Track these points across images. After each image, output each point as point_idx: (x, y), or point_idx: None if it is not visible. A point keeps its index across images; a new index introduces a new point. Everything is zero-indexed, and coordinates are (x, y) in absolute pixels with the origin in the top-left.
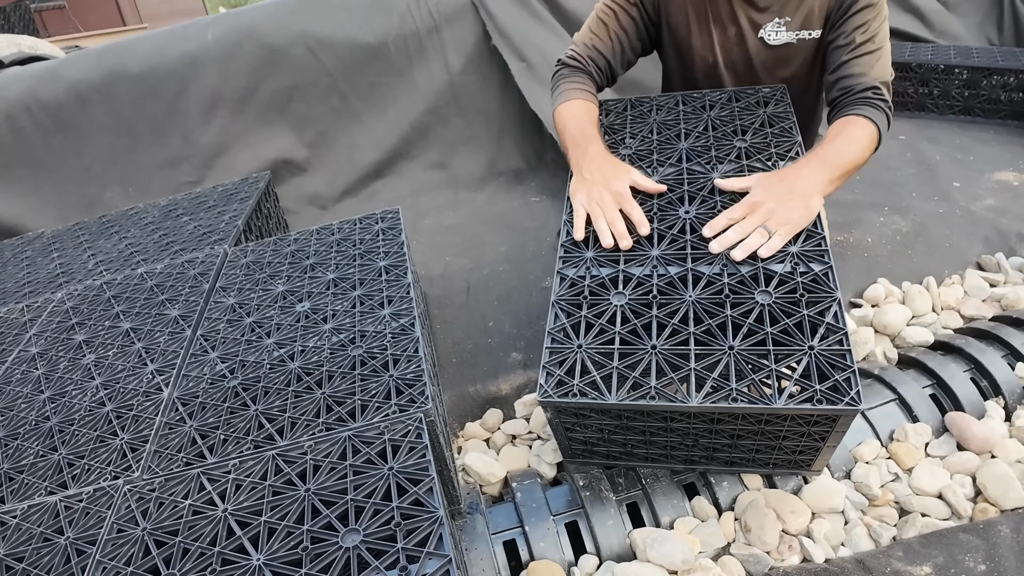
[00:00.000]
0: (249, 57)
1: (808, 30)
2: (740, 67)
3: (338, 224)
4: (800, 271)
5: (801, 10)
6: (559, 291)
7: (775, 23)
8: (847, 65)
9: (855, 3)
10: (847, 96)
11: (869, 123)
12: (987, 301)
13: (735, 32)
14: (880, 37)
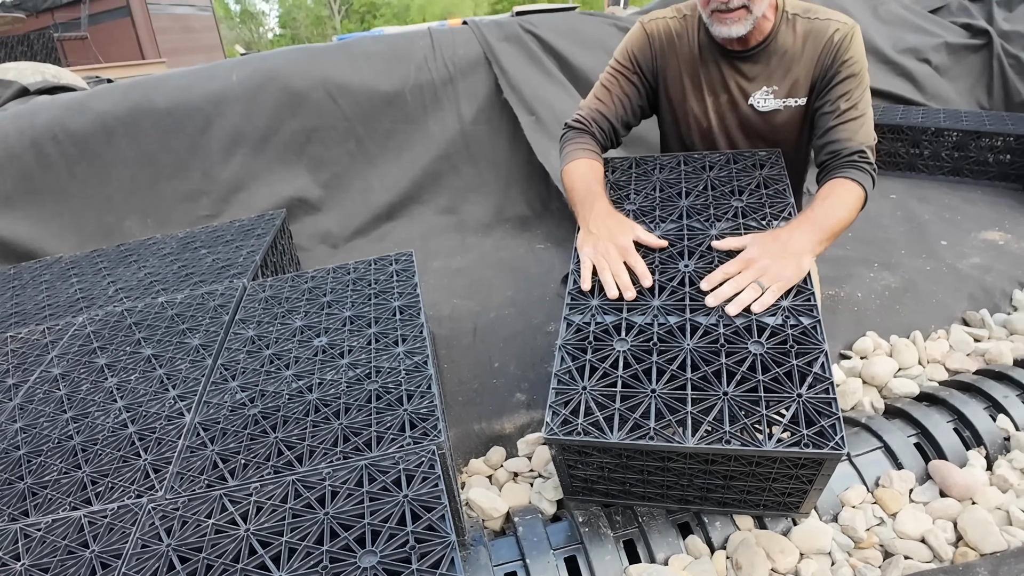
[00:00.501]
0: (271, 99)
1: (794, 98)
2: (732, 131)
3: (354, 264)
4: (791, 324)
5: (787, 79)
6: (566, 336)
7: (763, 91)
8: (834, 131)
9: (839, 73)
10: (835, 159)
11: (856, 185)
12: (971, 355)
13: (727, 99)
14: (863, 104)
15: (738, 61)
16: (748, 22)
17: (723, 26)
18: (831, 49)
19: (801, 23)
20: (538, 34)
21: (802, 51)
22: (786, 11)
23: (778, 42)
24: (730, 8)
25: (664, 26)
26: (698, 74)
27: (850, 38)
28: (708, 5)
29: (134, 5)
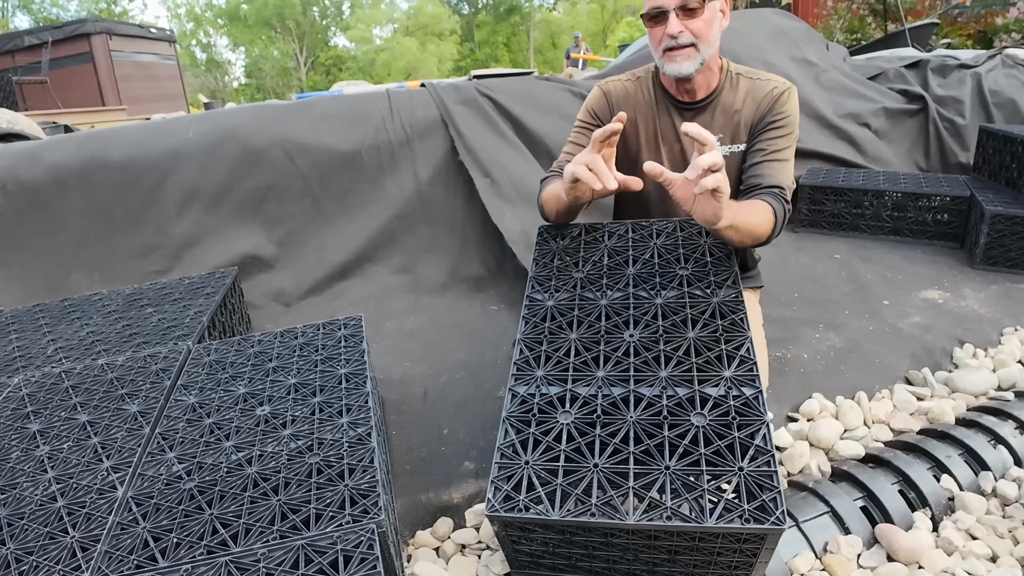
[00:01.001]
0: (229, 156)
1: (737, 144)
2: None
3: (302, 328)
4: (733, 395)
5: (730, 127)
6: (510, 407)
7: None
8: (758, 167)
9: (772, 122)
10: (754, 190)
11: (768, 206)
12: (915, 414)
13: (679, 149)
14: (786, 152)
15: (688, 113)
16: (696, 60)
17: (674, 64)
18: (770, 100)
19: (744, 81)
20: (494, 98)
21: (744, 103)
22: (730, 70)
23: (723, 96)
24: (680, 44)
25: (620, 86)
26: (652, 126)
27: (787, 95)
28: (660, 45)
29: (97, 51)
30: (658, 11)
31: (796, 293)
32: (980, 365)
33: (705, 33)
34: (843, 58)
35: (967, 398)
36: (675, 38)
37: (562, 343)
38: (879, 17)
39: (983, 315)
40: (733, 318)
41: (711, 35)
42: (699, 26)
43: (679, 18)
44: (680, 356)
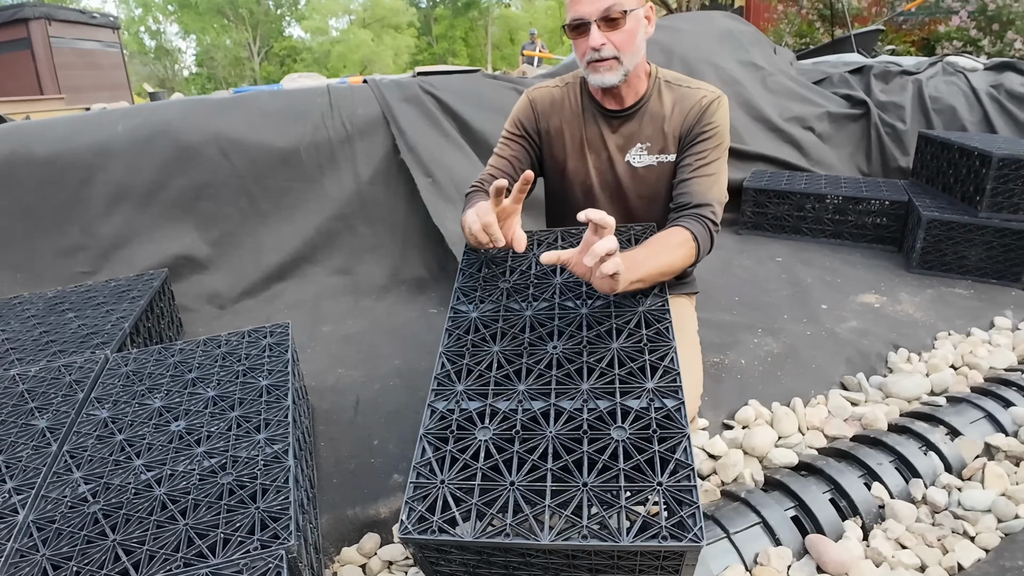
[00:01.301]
0: (160, 152)
1: (665, 154)
2: (612, 188)
3: (226, 336)
4: (655, 407)
5: (659, 136)
6: (428, 424)
7: (638, 147)
8: (685, 184)
9: (701, 133)
10: (679, 210)
11: (689, 236)
12: (848, 420)
13: (606, 156)
14: (716, 165)
15: (615, 121)
16: (619, 72)
17: (598, 75)
18: (698, 111)
19: (673, 89)
20: (438, 96)
21: (672, 112)
22: (659, 78)
23: (650, 104)
24: (602, 58)
25: (546, 93)
26: (579, 134)
27: (717, 104)
28: (584, 57)
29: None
30: (580, 22)
31: (737, 297)
32: (914, 370)
33: (628, 45)
34: (790, 62)
35: (900, 403)
36: (597, 51)
37: (484, 356)
38: (827, 22)
39: (918, 319)
40: (658, 327)
41: (634, 46)
42: (622, 38)
43: (601, 30)
44: (603, 368)
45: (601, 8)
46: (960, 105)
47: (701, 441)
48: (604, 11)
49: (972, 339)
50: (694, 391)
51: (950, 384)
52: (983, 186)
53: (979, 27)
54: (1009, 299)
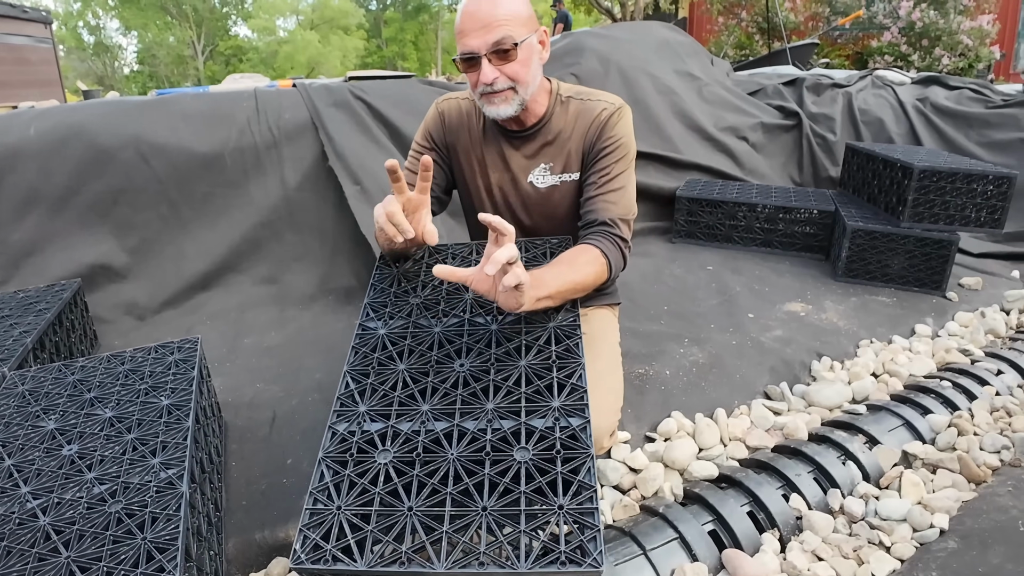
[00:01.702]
0: (74, 156)
1: (568, 173)
2: (516, 207)
3: (131, 352)
4: (560, 426)
5: (561, 156)
6: (328, 447)
7: (541, 168)
8: (591, 201)
9: (603, 149)
10: (587, 228)
11: (599, 253)
12: (770, 431)
13: (509, 177)
14: (622, 179)
15: (517, 141)
16: (515, 102)
17: (492, 107)
18: (598, 125)
19: (573, 104)
20: (369, 101)
21: (573, 129)
22: (560, 94)
23: (552, 123)
24: (496, 90)
25: (456, 105)
26: (482, 152)
27: (617, 116)
28: (476, 88)
29: None
30: (470, 56)
31: (666, 306)
32: (836, 378)
33: (522, 75)
34: (726, 73)
35: (822, 412)
36: (490, 85)
37: (390, 375)
38: (765, 35)
39: (841, 327)
40: (568, 344)
41: (529, 74)
42: (515, 69)
43: (492, 63)
44: (510, 386)
45: (490, 41)
46: (888, 117)
47: (622, 455)
48: (494, 44)
49: (893, 346)
50: (614, 404)
51: (871, 392)
52: (905, 197)
53: (909, 43)
54: (930, 306)
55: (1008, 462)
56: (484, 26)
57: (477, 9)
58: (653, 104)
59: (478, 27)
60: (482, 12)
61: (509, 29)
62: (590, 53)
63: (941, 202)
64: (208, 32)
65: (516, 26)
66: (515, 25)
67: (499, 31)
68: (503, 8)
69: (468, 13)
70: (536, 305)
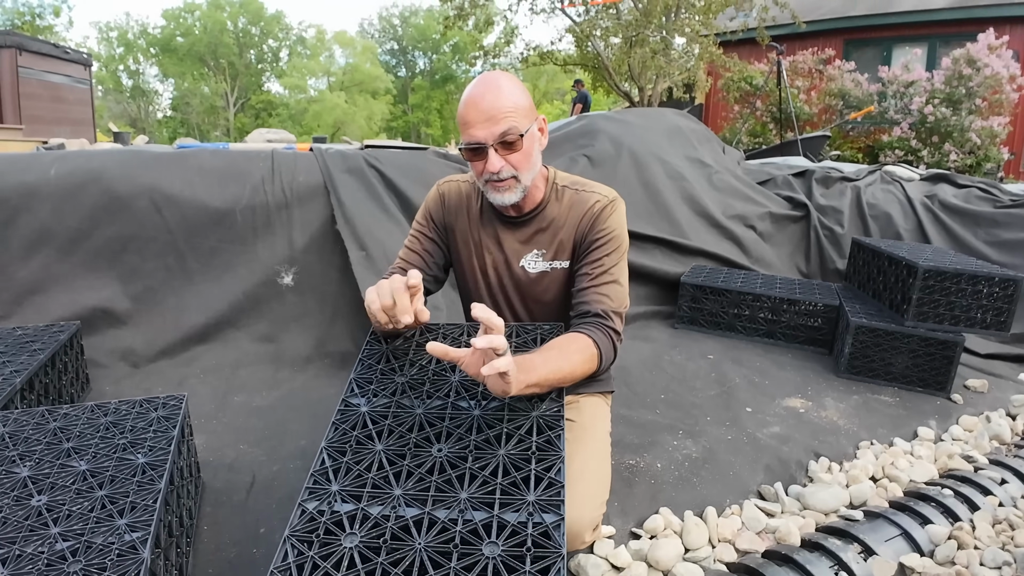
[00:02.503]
0: (90, 200)
1: (559, 260)
2: (509, 289)
3: (115, 404)
4: (534, 522)
5: (554, 244)
6: (295, 524)
7: (533, 254)
8: (583, 293)
9: (595, 241)
10: (579, 319)
11: (590, 342)
12: (761, 534)
13: (503, 260)
14: (614, 271)
15: (512, 226)
16: (519, 190)
17: (497, 194)
18: (590, 217)
19: (568, 194)
20: (382, 170)
21: (566, 218)
22: (556, 183)
23: (547, 210)
24: (501, 179)
25: (456, 188)
26: (479, 235)
27: (610, 209)
28: (482, 176)
29: (3, 66)
30: (477, 146)
31: (663, 395)
32: (833, 480)
33: (525, 164)
34: (737, 161)
35: (817, 516)
36: (496, 173)
37: (367, 454)
38: (779, 124)
39: (841, 427)
40: (549, 435)
41: (531, 163)
42: (518, 159)
43: (498, 153)
44: (486, 476)
45: (497, 133)
46: (896, 213)
47: (605, 550)
48: (501, 135)
49: (894, 449)
50: (599, 497)
51: (869, 497)
52: (909, 295)
53: (919, 138)
54: (934, 408)
55: None
56: (489, 118)
57: (482, 100)
58: (663, 188)
59: (484, 119)
60: (487, 103)
61: (514, 120)
62: (604, 136)
63: (946, 302)
64: (242, 86)
65: (520, 117)
66: (519, 116)
67: (504, 123)
68: (507, 100)
69: (473, 104)
70: (524, 391)
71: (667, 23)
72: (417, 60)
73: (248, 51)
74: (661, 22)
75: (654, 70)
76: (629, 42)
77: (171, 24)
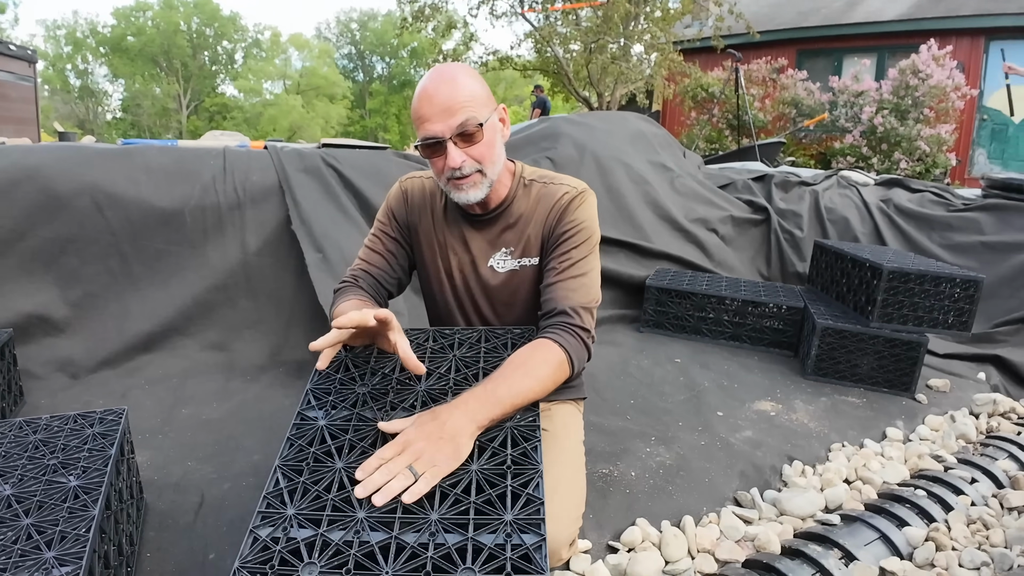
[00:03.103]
0: (25, 199)
1: (528, 257)
2: (475, 290)
3: (47, 420)
4: (512, 543)
5: (521, 241)
6: (245, 555)
7: (502, 252)
8: (550, 288)
9: (564, 234)
10: (546, 318)
11: (558, 349)
12: (741, 542)
13: (469, 259)
14: (583, 264)
15: (479, 224)
16: (484, 186)
17: (461, 192)
18: (558, 210)
19: (536, 187)
20: (340, 170)
21: (534, 212)
22: (523, 177)
23: (514, 206)
24: (464, 174)
25: (420, 184)
26: (443, 235)
27: (579, 200)
28: (443, 174)
29: None
30: (434, 141)
31: (632, 400)
32: (808, 484)
33: (488, 155)
34: (698, 166)
35: (795, 521)
36: (458, 169)
37: (326, 473)
38: (735, 131)
39: (812, 429)
40: (525, 447)
41: (494, 154)
42: (481, 151)
43: (458, 146)
44: (458, 494)
45: (454, 125)
46: (853, 217)
47: (583, 566)
48: (459, 127)
49: (865, 451)
50: (574, 511)
51: (844, 500)
52: (874, 297)
53: (869, 145)
54: (900, 409)
55: None
56: (445, 109)
57: (436, 92)
58: (626, 192)
59: (439, 111)
60: (442, 95)
61: (472, 111)
62: (566, 139)
63: (910, 303)
64: (195, 88)
65: (478, 107)
66: (477, 106)
67: (462, 113)
68: (463, 90)
69: (427, 97)
70: (484, 424)
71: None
72: (375, 65)
73: (202, 52)
74: (619, 30)
75: (613, 76)
76: (588, 48)
77: (122, 23)
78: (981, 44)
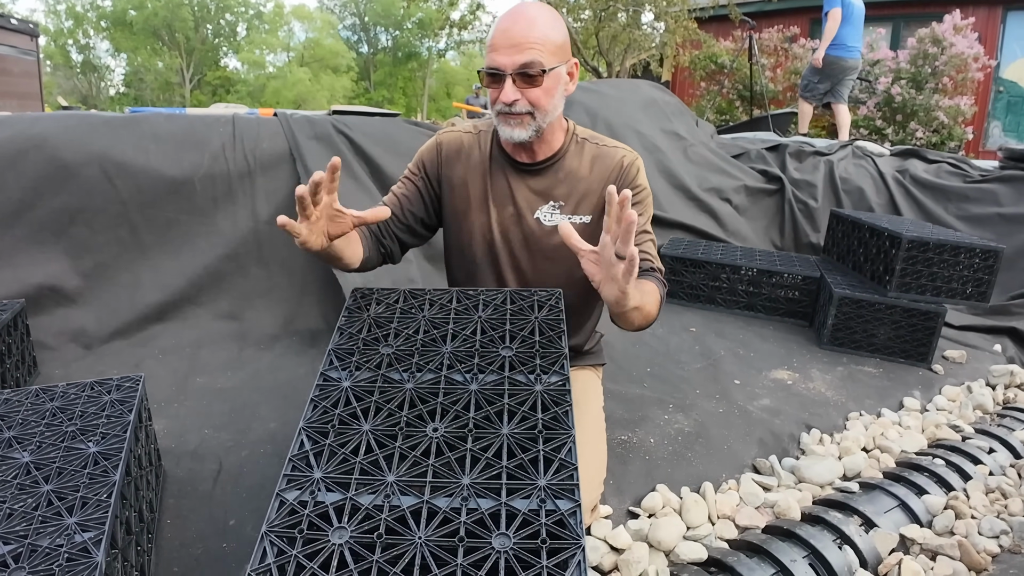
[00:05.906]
0: (33, 169)
1: (580, 215)
2: (515, 245)
3: (63, 388)
4: (547, 509)
5: (574, 196)
6: (273, 519)
7: (550, 206)
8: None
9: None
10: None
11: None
12: (760, 508)
13: (512, 211)
14: (648, 226)
15: (526, 175)
16: (531, 128)
17: (508, 127)
18: (622, 173)
19: (589, 147)
20: (351, 136)
21: (590, 172)
22: (576, 134)
23: (566, 161)
24: (514, 112)
25: (456, 138)
26: (485, 185)
27: (638, 167)
28: (495, 105)
29: None
30: (496, 72)
31: (649, 368)
32: (826, 452)
33: (544, 102)
34: (711, 135)
35: (814, 488)
36: (510, 105)
37: (352, 435)
38: (746, 102)
39: (829, 398)
40: (556, 412)
41: (551, 104)
42: (537, 95)
43: (516, 85)
44: (490, 458)
45: (519, 62)
46: (868, 187)
47: (603, 532)
48: (522, 66)
49: (883, 420)
50: (596, 477)
51: (862, 468)
52: (892, 266)
53: (884, 117)
54: (916, 379)
55: (1008, 548)
56: (514, 45)
57: (512, 26)
58: None
59: (508, 45)
60: (515, 31)
61: (539, 54)
62: (579, 107)
63: (928, 273)
64: (198, 61)
65: (547, 53)
66: (546, 51)
67: (529, 53)
68: (537, 31)
69: (502, 29)
70: (630, 311)
71: None
72: (380, 36)
73: (204, 25)
74: None
75: (623, 44)
76: (599, 16)
77: None
78: (999, 14)
